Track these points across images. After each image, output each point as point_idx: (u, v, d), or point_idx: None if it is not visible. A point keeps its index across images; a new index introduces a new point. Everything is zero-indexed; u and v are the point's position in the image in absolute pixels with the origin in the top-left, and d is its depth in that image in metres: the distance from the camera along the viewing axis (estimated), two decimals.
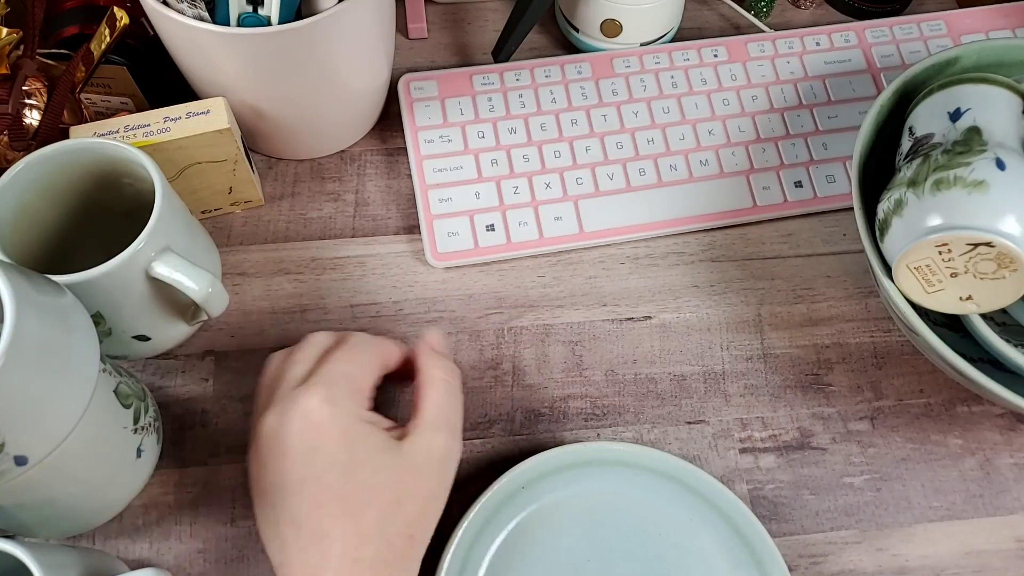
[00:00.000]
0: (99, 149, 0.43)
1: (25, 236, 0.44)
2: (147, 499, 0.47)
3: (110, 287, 0.42)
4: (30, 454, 0.35)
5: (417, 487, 0.39)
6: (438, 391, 0.41)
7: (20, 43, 0.48)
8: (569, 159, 0.56)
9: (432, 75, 0.58)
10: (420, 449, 0.39)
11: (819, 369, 0.51)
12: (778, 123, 0.58)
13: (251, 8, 0.45)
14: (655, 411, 0.50)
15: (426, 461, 0.39)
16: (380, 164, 0.57)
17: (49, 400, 0.35)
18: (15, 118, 0.47)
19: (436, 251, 0.53)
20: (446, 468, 0.40)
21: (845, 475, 0.48)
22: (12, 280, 0.34)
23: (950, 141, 0.43)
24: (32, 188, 0.43)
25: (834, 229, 0.56)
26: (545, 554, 0.44)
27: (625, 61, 0.59)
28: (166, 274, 0.42)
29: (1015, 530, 0.47)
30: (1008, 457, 0.49)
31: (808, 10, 0.65)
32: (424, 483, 0.39)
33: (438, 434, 0.40)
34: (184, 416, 0.49)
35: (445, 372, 0.42)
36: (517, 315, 0.52)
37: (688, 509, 0.45)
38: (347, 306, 0.52)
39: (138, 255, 0.41)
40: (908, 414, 0.50)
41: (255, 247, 0.54)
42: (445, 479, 0.40)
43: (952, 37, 0.62)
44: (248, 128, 0.53)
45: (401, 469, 0.39)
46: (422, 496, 0.39)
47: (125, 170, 0.45)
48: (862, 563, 0.46)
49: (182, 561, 0.46)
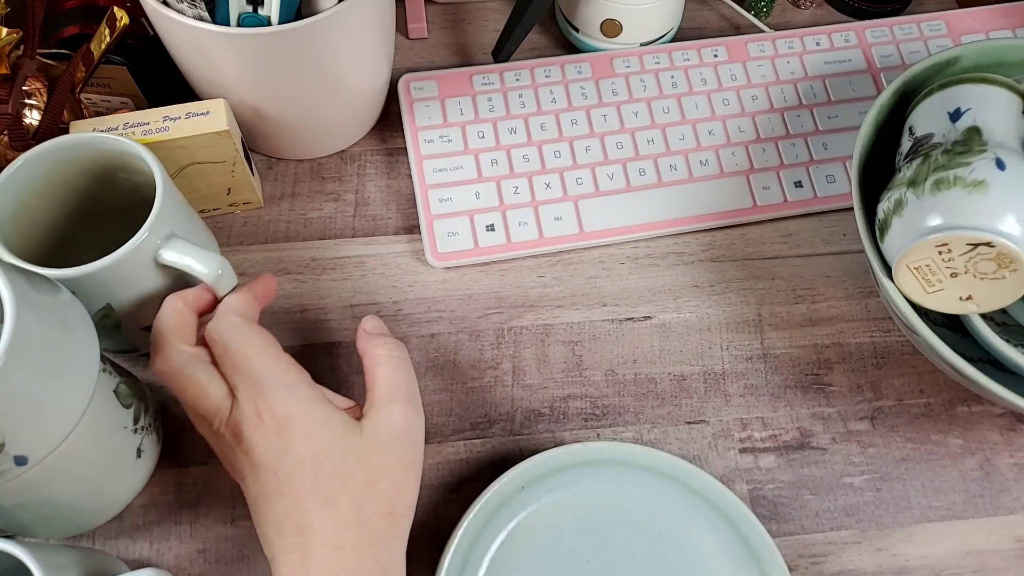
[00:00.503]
0: (98, 143, 0.43)
1: (24, 233, 0.44)
2: (147, 499, 0.47)
3: (119, 278, 0.42)
4: (30, 454, 0.35)
5: (386, 463, 0.39)
6: (384, 367, 0.41)
7: (20, 43, 0.48)
8: (569, 159, 0.56)
9: (432, 75, 0.58)
10: (380, 427, 0.40)
11: (819, 369, 0.51)
12: (778, 123, 0.58)
13: (251, 8, 0.45)
14: (655, 411, 0.50)
15: (389, 437, 0.40)
16: (380, 164, 0.57)
17: (49, 400, 0.35)
18: (15, 118, 0.47)
19: (436, 251, 0.53)
20: (412, 438, 0.41)
21: (845, 475, 0.48)
22: (12, 280, 0.34)
23: (950, 141, 0.43)
24: (31, 184, 0.43)
25: (834, 229, 0.56)
26: (545, 554, 0.44)
27: (625, 61, 0.59)
28: (175, 259, 0.42)
29: (1015, 530, 0.47)
30: (1008, 457, 0.49)
31: (808, 10, 0.65)
32: (392, 458, 0.40)
33: (394, 407, 0.40)
34: (184, 416, 0.49)
35: (387, 347, 0.42)
36: (517, 315, 0.52)
37: (688, 509, 0.45)
38: (347, 306, 0.52)
39: (144, 243, 0.41)
40: (908, 414, 0.50)
41: (255, 247, 0.54)
42: (413, 450, 0.41)
43: (952, 37, 0.62)
44: (248, 128, 0.53)
45: (366, 449, 0.39)
46: (393, 471, 0.39)
47: (123, 164, 0.45)
48: (862, 563, 0.46)
49: (182, 561, 0.46)
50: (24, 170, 0.42)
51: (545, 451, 0.46)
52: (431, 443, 0.49)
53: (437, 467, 0.48)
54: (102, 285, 0.41)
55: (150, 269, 0.43)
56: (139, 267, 0.42)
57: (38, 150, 0.43)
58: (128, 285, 0.42)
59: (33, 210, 0.44)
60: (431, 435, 0.49)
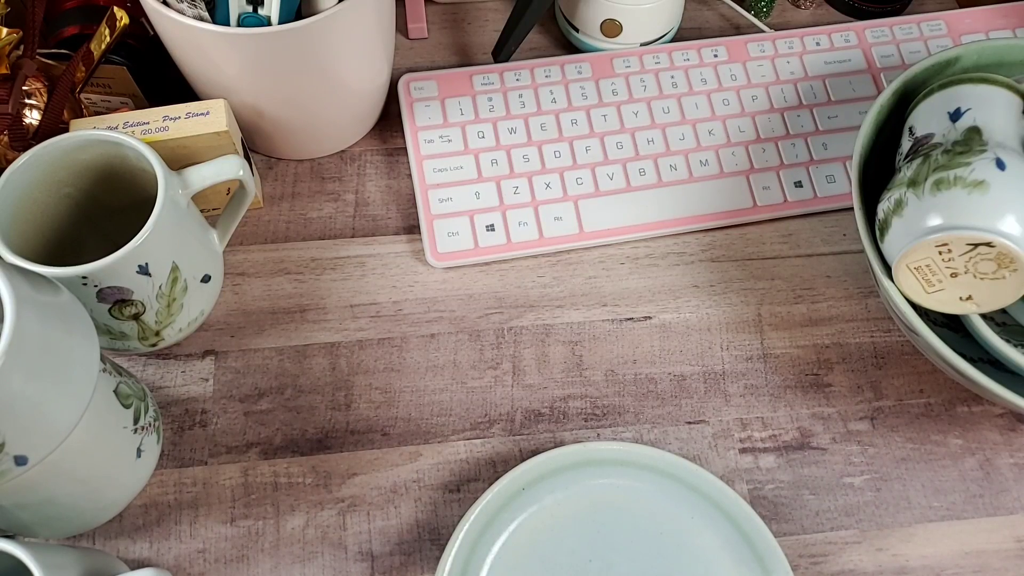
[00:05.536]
0: (97, 141, 0.43)
1: (24, 233, 0.44)
2: (147, 499, 0.47)
3: (169, 232, 0.43)
4: (30, 454, 0.35)
5: None
6: None
7: (20, 43, 0.48)
8: (569, 159, 0.56)
9: (432, 75, 0.58)
10: None
11: (819, 369, 0.51)
12: (778, 123, 0.58)
13: (251, 8, 0.45)
14: (655, 411, 0.50)
15: None
16: (380, 164, 0.57)
17: (49, 400, 0.35)
18: (15, 118, 0.47)
19: (436, 251, 0.53)
20: None
21: (845, 475, 0.48)
22: (12, 280, 0.34)
23: (950, 141, 0.43)
24: (31, 184, 0.43)
25: (834, 229, 0.56)
26: (547, 555, 0.44)
27: (625, 61, 0.59)
28: (206, 181, 0.45)
29: (1015, 530, 0.47)
30: (1008, 457, 0.49)
31: (808, 10, 0.65)
32: None
33: None
34: (184, 416, 0.49)
35: None
36: (517, 315, 0.52)
37: (690, 508, 0.45)
38: (347, 306, 0.52)
39: (169, 193, 0.43)
40: (908, 414, 0.50)
41: (255, 247, 0.54)
42: None
43: (952, 37, 0.62)
44: (248, 128, 0.53)
45: None
46: None
47: (123, 162, 0.45)
48: (862, 563, 0.46)
49: (182, 561, 0.46)
50: (24, 170, 0.43)
51: (545, 452, 0.46)
52: (431, 443, 0.49)
53: (437, 467, 0.48)
54: (163, 244, 0.43)
55: (186, 216, 0.45)
56: (179, 216, 0.44)
57: (38, 150, 0.43)
58: (179, 236, 0.44)
59: (33, 210, 0.44)
60: (431, 435, 0.49)
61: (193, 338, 0.51)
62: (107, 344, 0.47)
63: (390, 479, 0.48)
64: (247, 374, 0.50)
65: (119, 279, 0.42)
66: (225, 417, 0.49)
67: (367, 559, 0.46)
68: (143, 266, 0.42)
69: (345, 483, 0.48)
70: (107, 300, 0.43)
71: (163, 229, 0.42)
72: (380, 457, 0.48)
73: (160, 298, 0.45)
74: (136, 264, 0.42)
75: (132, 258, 0.41)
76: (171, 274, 0.44)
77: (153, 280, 0.44)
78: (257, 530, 0.46)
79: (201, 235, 0.48)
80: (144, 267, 0.43)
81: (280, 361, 0.51)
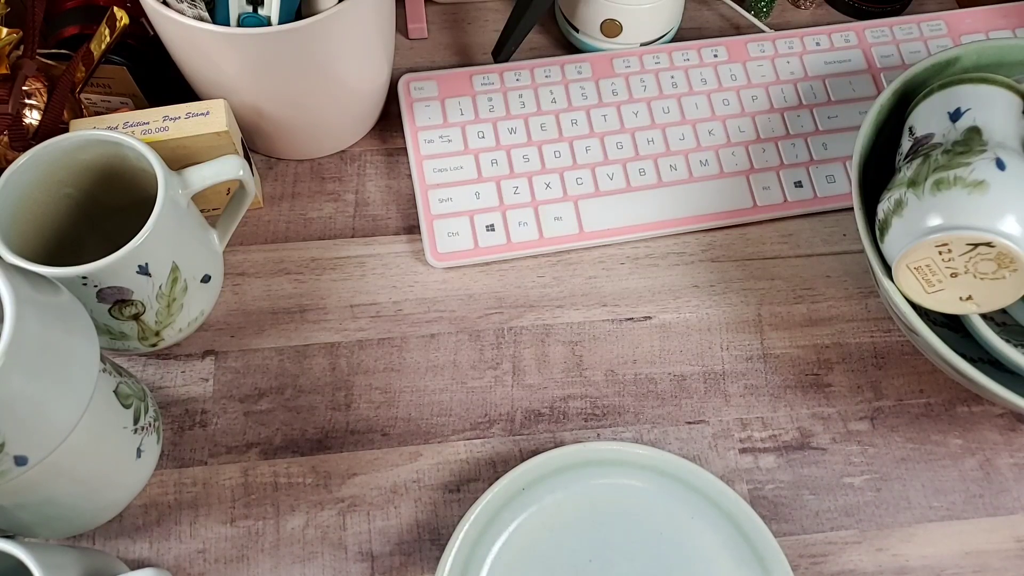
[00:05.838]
0: (97, 141, 0.43)
1: (24, 233, 0.44)
2: (147, 499, 0.47)
3: (169, 232, 0.43)
4: (30, 454, 0.35)
5: None
6: None
7: (20, 43, 0.48)
8: (569, 159, 0.56)
9: (432, 75, 0.58)
10: None
11: (819, 369, 0.51)
12: (778, 123, 0.58)
13: (251, 8, 0.45)
14: (655, 411, 0.50)
15: None
16: (380, 164, 0.57)
17: (49, 400, 0.35)
18: (15, 118, 0.47)
19: (436, 251, 0.53)
20: None
21: (845, 475, 0.48)
22: (12, 280, 0.34)
23: (950, 141, 0.43)
24: (32, 184, 0.43)
25: (834, 229, 0.56)
26: (547, 555, 0.44)
27: (625, 61, 0.59)
28: (206, 181, 0.45)
29: (1015, 530, 0.47)
30: (1008, 457, 0.49)
31: (808, 10, 0.65)
32: None
33: None
34: (184, 416, 0.49)
35: None
36: (517, 315, 0.52)
37: (690, 508, 0.45)
38: (347, 306, 0.52)
39: (169, 193, 0.43)
40: (908, 414, 0.50)
41: (255, 247, 0.54)
42: None
43: (952, 37, 0.62)
44: (248, 128, 0.53)
45: None
46: None
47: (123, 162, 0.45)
48: (862, 563, 0.46)
49: (182, 561, 0.46)
50: (24, 170, 0.43)
51: (546, 452, 0.46)
52: (431, 443, 0.49)
53: (437, 467, 0.48)
54: (162, 244, 0.43)
55: (186, 215, 0.45)
56: (178, 216, 0.44)
57: (38, 150, 0.43)
58: (178, 236, 0.44)
59: (33, 210, 0.44)
60: (431, 435, 0.49)
61: (193, 338, 0.51)
62: (107, 344, 0.47)
63: (390, 479, 0.48)
64: (247, 374, 0.50)
65: (119, 279, 0.42)
66: (225, 417, 0.49)
67: (367, 559, 0.46)
68: (143, 266, 0.42)
69: (345, 483, 0.48)
70: (107, 300, 0.43)
71: (163, 229, 0.42)
72: (380, 457, 0.48)
73: (160, 298, 0.45)
74: (136, 264, 0.42)
75: (132, 258, 0.41)
76: (171, 274, 0.44)
77: (153, 280, 0.44)
78: (257, 530, 0.46)
79: (201, 235, 0.48)
80: (144, 267, 0.43)
81: (280, 361, 0.51)
